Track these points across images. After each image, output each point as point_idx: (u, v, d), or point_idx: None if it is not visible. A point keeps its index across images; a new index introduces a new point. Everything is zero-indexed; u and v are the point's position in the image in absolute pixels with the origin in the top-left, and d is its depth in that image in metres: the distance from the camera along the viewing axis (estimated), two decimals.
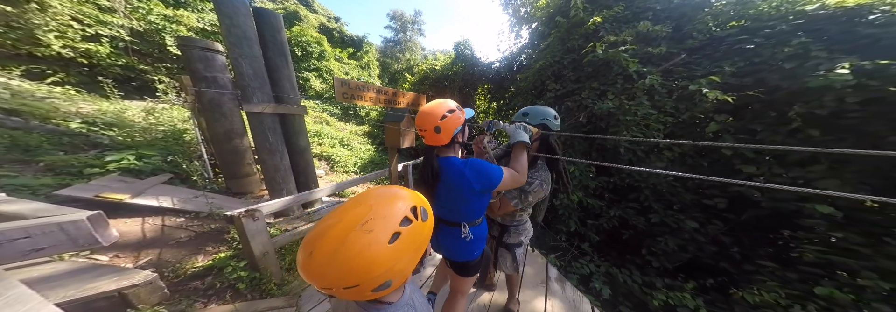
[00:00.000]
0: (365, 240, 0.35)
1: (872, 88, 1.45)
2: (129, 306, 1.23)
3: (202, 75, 2.50)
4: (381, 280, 0.37)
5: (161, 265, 1.66)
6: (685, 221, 2.26)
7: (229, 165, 2.88)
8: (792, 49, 1.80)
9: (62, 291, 1.10)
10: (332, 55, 8.94)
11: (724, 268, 2.15)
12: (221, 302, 1.47)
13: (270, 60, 2.52)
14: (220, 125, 2.67)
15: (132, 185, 2.32)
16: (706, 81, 2.09)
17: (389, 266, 0.36)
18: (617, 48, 2.78)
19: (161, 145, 3.12)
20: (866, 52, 1.57)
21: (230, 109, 2.68)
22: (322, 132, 5.73)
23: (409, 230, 0.39)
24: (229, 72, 2.65)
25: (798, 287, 1.67)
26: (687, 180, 2.33)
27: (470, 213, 0.92)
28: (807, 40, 1.75)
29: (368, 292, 0.37)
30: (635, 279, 2.46)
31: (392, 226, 0.37)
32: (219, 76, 2.57)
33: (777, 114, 1.83)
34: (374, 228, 0.36)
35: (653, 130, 2.44)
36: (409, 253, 0.39)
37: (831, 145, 1.59)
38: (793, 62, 1.79)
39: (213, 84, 2.55)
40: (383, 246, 0.36)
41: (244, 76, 2.30)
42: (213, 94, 2.53)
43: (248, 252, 1.59)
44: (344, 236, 0.35)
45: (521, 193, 1.05)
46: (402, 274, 0.39)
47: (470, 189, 0.82)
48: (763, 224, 1.96)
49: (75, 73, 4.33)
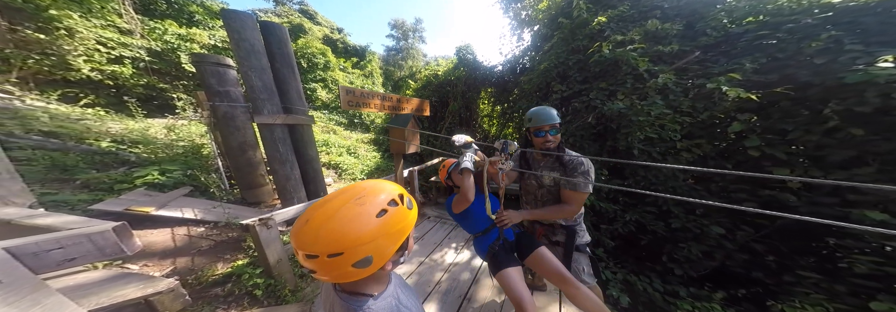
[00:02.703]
0: (356, 210, 0.39)
1: None
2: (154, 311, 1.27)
3: (216, 90, 2.53)
4: (362, 253, 0.39)
5: (185, 273, 1.72)
6: (710, 226, 2.09)
7: (244, 176, 2.91)
8: (821, 43, 1.65)
9: (95, 299, 1.15)
10: (337, 65, 9.02)
11: (758, 278, 1.95)
12: (240, 309, 1.51)
13: (278, 72, 2.56)
14: (234, 138, 2.70)
15: (156, 198, 2.42)
16: (725, 79, 1.94)
17: (373, 238, 0.39)
18: (624, 48, 2.66)
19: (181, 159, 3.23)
20: None
21: (243, 121, 2.69)
22: (330, 141, 5.74)
23: (395, 211, 0.42)
24: (240, 86, 2.69)
25: (848, 302, 1.48)
26: (710, 184, 2.16)
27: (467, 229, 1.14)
28: (838, 33, 1.60)
29: (349, 266, 0.38)
30: (656, 287, 2.27)
31: (381, 203, 0.41)
32: (231, 90, 2.59)
33: (810, 112, 1.67)
34: (366, 202, 0.40)
35: (668, 130, 2.29)
36: (393, 234, 0.41)
37: (875, 145, 1.42)
38: (824, 57, 1.64)
39: (227, 98, 2.56)
40: (371, 218, 0.40)
41: (254, 89, 2.34)
42: (226, 108, 2.56)
43: (263, 260, 1.62)
44: (340, 206, 0.39)
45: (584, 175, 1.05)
46: (383, 254, 0.41)
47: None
48: (803, 231, 1.78)
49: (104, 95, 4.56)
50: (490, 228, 1.13)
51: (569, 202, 1.10)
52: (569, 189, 1.08)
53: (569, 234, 1.16)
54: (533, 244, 1.13)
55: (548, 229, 1.25)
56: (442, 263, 2.08)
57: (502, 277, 1.01)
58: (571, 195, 1.08)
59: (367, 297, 0.45)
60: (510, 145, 1.04)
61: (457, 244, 2.42)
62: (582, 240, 1.18)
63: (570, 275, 1.03)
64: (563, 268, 1.05)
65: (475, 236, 1.17)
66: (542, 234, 1.27)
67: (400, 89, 10.09)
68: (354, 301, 0.45)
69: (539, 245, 1.13)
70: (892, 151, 1.36)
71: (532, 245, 1.13)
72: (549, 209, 1.15)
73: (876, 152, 1.41)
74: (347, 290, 0.47)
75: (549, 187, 1.16)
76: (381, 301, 0.46)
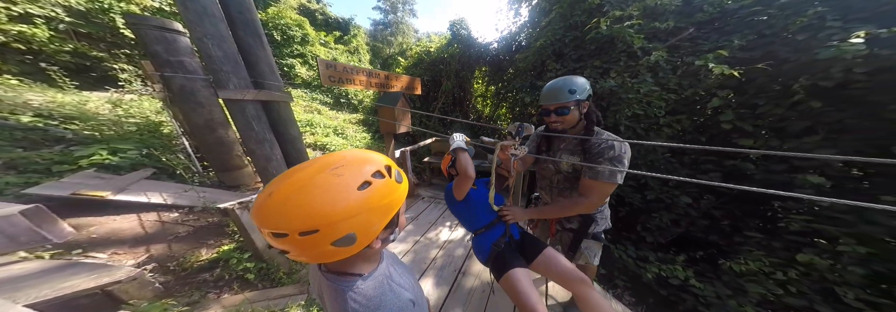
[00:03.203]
0: (333, 182, 0.34)
1: (882, 58, 1.43)
2: (118, 302, 1.20)
3: (165, 60, 2.22)
4: (343, 230, 0.34)
5: (164, 260, 1.67)
6: (680, 196, 2.33)
7: (217, 157, 2.72)
8: (806, 19, 1.74)
9: (33, 291, 1.04)
10: (317, 39, 8.26)
11: (714, 241, 2.26)
12: (233, 292, 1.51)
13: (242, 42, 2.28)
14: (198, 115, 2.45)
15: (111, 181, 2.23)
16: (713, 56, 2.04)
17: (354, 214, 0.34)
18: (622, 24, 2.66)
19: (136, 138, 2.93)
20: (885, 20, 1.52)
21: (206, 97, 2.41)
22: (314, 122, 5.51)
23: (381, 183, 0.37)
24: (197, 56, 2.41)
25: (781, 255, 1.78)
26: (684, 156, 2.36)
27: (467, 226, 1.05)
28: (823, 10, 1.69)
29: (328, 245, 0.34)
30: (630, 254, 2.58)
31: (363, 175, 0.36)
32: (185, 60, 2.30)
33: (782, 87, 1.81)
34: (344, 173, 0.35)
35: (654, 107, 2.42)
36: (379, 209, 0.37)
37: (828, 115, 1.59)
38: (805, 33, 1.74)
39: (180, 69, 2.27)
40: (351, 191, 0.34)
41: (213, 59, 2.06)
42: (181, 80, 2.29)
43: (250, 244, 1.59)
44: (311, 176, 0.34)
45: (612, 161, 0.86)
46: (368, 231, 0.37)
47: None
48: (754, 197, 2.04)
49: (14, 61, 3.80)
50: (494, 222, 1.00)
51: (586, 194, 0.92)
52: (588, 178, 0.90)
53: (584, 222, 1.04)
54: (538, 245, 1.00)
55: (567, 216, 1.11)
56: (437, 241, 2.16)
57: (510, 279, 0.86)
58: (591, 186, 0.91)
59: (355, 277, 0.42)
60: (526, 128, 0.93)
61: (451, 222, 2.54)
62: (599, 228, 1.06)
63: (585, 275, 0.90)
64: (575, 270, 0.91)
65: (476, 232, 1.02)
66: (558, 219, 1.16)
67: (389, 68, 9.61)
68: (342, 281, 0.41)
69: (545, 246, 0.99)
70: (839, 120, 1.55)
71: (537, 246, 1.00)
72: (561, 205, 0.98)
73: (826, 121, 1.60)
74: (334, 270, 0.43)
75: (566, 172, 1.01)
76: (372, 280, 0.43)
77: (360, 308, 0.39)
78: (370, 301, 0.40)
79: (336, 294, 0.41)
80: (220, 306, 1.36)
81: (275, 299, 1.46)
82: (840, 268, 1.49)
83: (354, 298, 0.40)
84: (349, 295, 0.40)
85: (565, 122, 0.94)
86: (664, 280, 2.24)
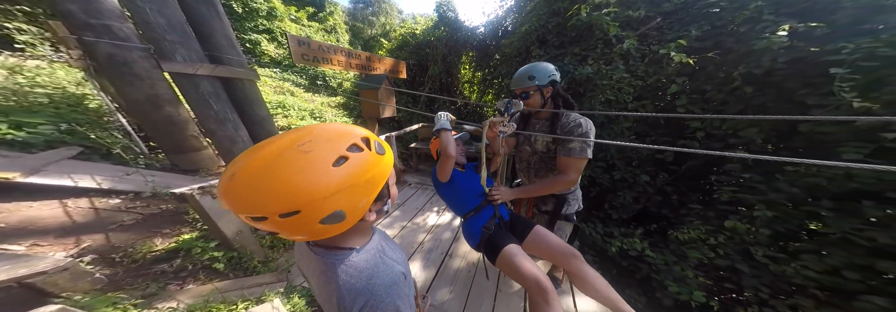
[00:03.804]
0: (302, 160, 0.32)
1: (798, 49, 1.73)
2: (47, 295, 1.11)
3: (83, 22, 1.89)
4: (329, 208, 0.33)
5: (106, 252, 1.54)
6: (640, 175, 2.67)
7: (167, 137, 2.50)
8: (748, 13, 2.02)
9: None
10: (286, 14, 7.80)
11: (665, 214, 2.64)
12: (200, 283, 1.45)
13: (192, 10, 2.14)
14: (135, 90, 2.18)
15: (19, 160, 1.94)
16: (674, 45, 2.30)
17: (335, 191, 0.33)
18: (600, 11, 2.86)
19: (49, 111, 2.50)
20: (805, 15, 1.82)
21: (145, 69, 2.15)
22: (287, 104, 5.30)
23: (359, 157, 0.35)
24: (131, 21, 2.11)
25: (714, 223, 2.15)
26: (646, 138, 2.68)
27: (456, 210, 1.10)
28: (762, 4, 1.96)
29: (317, 223, 0.34)
30: (598, 231, 2.93)
31: (336, 150, 0.34)
32: (113, 25, 1.99)
33: (725, 75, 2.11)
34: (314, 149, 0.33)
35: (624, 93, 2.70)
36: (363, 185, 0.36)
37: (756, 99, 1.92)
38: (746, 26, 2.03)
39: (106, 34, 1.96)
40: (326, 167, 0.33)
41: (153, 26, 1.93)
42: (110, 48, 1.99)
43: (216, 233, 1.52)
44: (276, 155, 0.31)
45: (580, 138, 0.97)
46: (355, 207, 0.36)
47: None
48: (697, 173, 2.40)
49: None
50: (482, 205, 1.04)
51: (564, 171, 1.02)
52: (563, 155, 1.00)
53: (558, 203, 1.14)
54: (528, 224, 1.06)
55: (538, 198, 1.23)
56: (424, 225, 2.27)
57: (506, 257, 0.88)
58: (567, 162, 1.01)
59: (347, 250, 0.42)
60: (515, 104, 0.98)
61: (438, 208, 2.66)
62: (571, 209, 1.17)
63: (573, 250, 0.96)
64: (565, 245, 0.98)
65: (465, 216, 1.06)
66: (535, 203, 1.28)
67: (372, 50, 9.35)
68: (333, 254, 0.41)
69: (534, 225, 1.06)
70: (763, 103, 1.88)
71: (527, 225, 1.05)
72: (543, 183, 1.06)
73: (754, 104, 1.92)
74: (324, 244, 0.43)
75: (541, 153, 1.12)
76: (364, 254, 0.43)
77: (351, 280, 0.39)
78: (361, 273, 0.40)
79: (326, 267, 0.40)
80: (185, 296, 1.29)
81: (250, 287, 1.41)
82: (754, 231, 1.85)
83: (346, 271, 0.40)
84: (340, 268, 0.40)
85: (529, 104, 1.05)
86: (625, 253, 2.60)
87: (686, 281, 2.14)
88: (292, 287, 1.47)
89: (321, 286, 0.41)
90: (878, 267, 1.35)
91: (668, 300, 2.20)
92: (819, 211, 1.56)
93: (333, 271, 0.40)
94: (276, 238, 1.85)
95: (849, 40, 1.51)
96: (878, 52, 1.41)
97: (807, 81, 1.70)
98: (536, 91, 1.03)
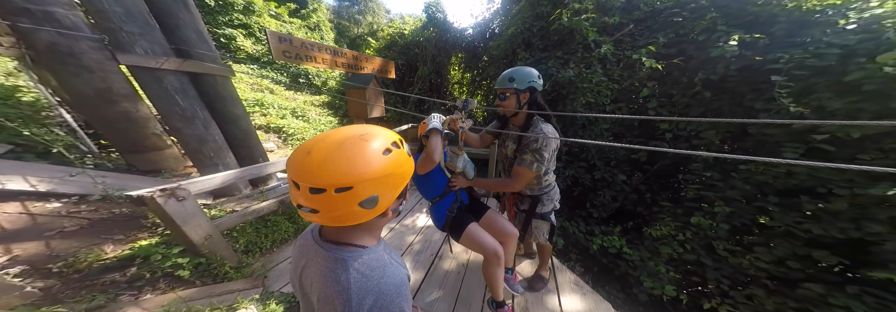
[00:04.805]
0: (362, 145, 0.40)
1: (746, 58, 1.99)
2: None
3: (18, 7, 1.77)
4: (371, 190, 0.40)
5: (40, 261, 1.41)
6: (618, 174, 2.90)
7: (122, 136, 2.36)
8: (705, 23, 2.29)
9: None
10: (265, 10, 7.77)
11: (640, 212, 2.87)
12: (159, 292, 1.36)
13: (156, 1, 2.05)
14: (83, 83, 2.03)
15: None
16: (645, 51, 2.55)
17: (382, 175, 0.40)
18: (580, 17, 3.12)
19: None
20: (750, 27, 2.09)
21: (97, 60, 2.01)
22: (265, 101, 5.27)
23: (399, 153, 0.44)
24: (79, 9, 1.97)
25: (682, 220, 2.37)
26: (622, 138, 2.92)
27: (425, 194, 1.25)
28: (715, 15, 2.24)
29: (356, 204, 0.39)
30: (581, 229, 3.13)
31: (385, 143, 0.43)
32: (56, 12, 1.87)
33: (687, 80, 2.37)
34: (371, 139, 0.42)
35: (603, 96, 2.94)
36: (398, 175, 0.43)
37: (714, 103, 2.18)
38: (704, 35, 2.30)
39: (48, 22, 1.83)
40: (378, 154, 0.41)
41: (108, 15, 1.80)
42: (52, 37, 1.86)
43: (181, 238, 1.45)
44: (343, 139, 0.40)
45: (534, 153, 1.07)
46: (388, 195, 0.43)
47: None
48: (667, 172, 2.64)
49: None
50: (446, 192, 1.23)
51: (513, 177, 1.15)
52: (516, 164, 1.13)
53: (532, 203, 1.29)
54: (483, 208, 1.34)
55: (517, 197, 1.39)
56: (414, 227, 2.32)
57: (470, 233, 1.12)
58: (516, 171, 1.13)
59: (359, 248, 0.45)
60: (470, 102, 1.13)
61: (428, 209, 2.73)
62: (545, 209, 1.30)
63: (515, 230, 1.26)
64: (510, 227, 1.27)
65: (433, 201, 1.24)
66: (514, 202, 1.43)
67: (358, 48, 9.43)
68: (344, 251, 0.44)
69: (488, 208, 1.33)
70: (719, 107, 2.14)
71: (483, 208, 1.33)
72: (493, 181, 1.30)
73: (712, 108, 2.18)
74: (336, 240, 0.46)
75: (511, 158, 1.24)
76: (375, 253, 0.46)
77: (362, 279, 0.41)
78: (374, 272, 0.43)
79: (335, 264, 0.42)
80: (140, 308, 1.22)
81: (220, 295, 1.36)
82: (715, 226, 2.07)
83: (359, 269, 0.42)
84: (353, 266, 0.42)
85: (504, 106, 1.13)
86: (606, 251, 2.79)
87: (659, 276, 2.34)
88: (269, 292, 1.42)
89: (328, 283, 0.41)
90: (815, 256, 1.57)
91: (643, 295, 2.39)
92: (767, 206, 1.78)
93: (345, 267, 0.42)
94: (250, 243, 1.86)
95: (785, 51, 1.77)
96: (807, 62, 1.67)
97: (754, 87, 1.95)
98: (513, 94, 1.09)
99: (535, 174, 1.12)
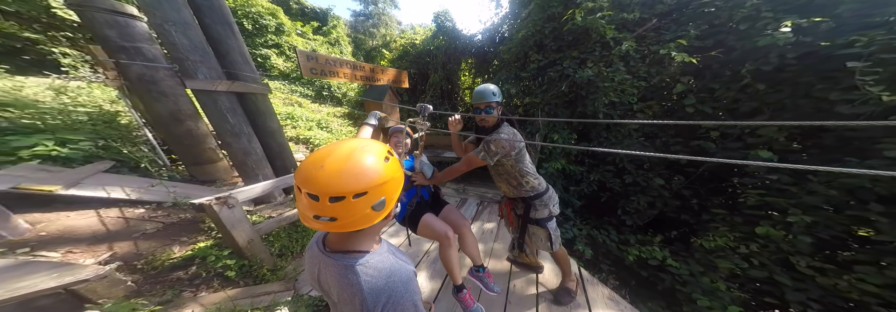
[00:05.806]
0: (367, 155, 0.46)
1: (807, 44, 1.72)
2: (85, 301, 1.22)
3: (118, 45, 2.17)
4: (380, 193, 0.45)
5: (131, 258, 1.67)
6: (653, 179, 2.57)
7: (187, 150, 2.72)
8: (746, 11, 2.05)
9: None
10: (293, 29, 8.31)
11: (686, 219, 2.51)
12: (212, 290, 1.53)
13: (211, 30, 2.35)
14: (161, 106, 2.43)
15: (60, 174, 2.18)
16: (674, 45, 2.32)
17: (388, 179, 0.46)
18: (595, 15, 2.94)
19: (88, 128, 2.86)
20: (804, 11, 1.84)
21: (171, 87, 2.40)
22: (295, 115, 5.49)
23: (394, 160, 0.50)
24: (157, 43, 2.35)
25: (742, 230, 2.02)
26: (655, 139, 2.62)
27: None
28: (758, 2, 2.00)
29: (369, 208, 0.44)
30: (612, 238, 2.78)
31: (382, 153, 0.49)
32: (143, 47, 2.26)
33: (732, 73, 2.10)
34: (371, 151, 0.47)
35: (628, 95, 2.68)
36: (397, 180, 0.49)
37: (771, 96, 1.88)
38: (746, 23, 2.04)
39: (138, 56, 2.23)
40: (380, 162, 0.46)
41: (178, 47, 2.13)
42: (141, 68, 2.24)
43: (230, 241, 1.62)
44: (349, 153, 0.45)
45: (484, 144, 1.17)
46: (391, 197, 0.47)
47: None
48: (716, 175, 2.30)
49: None
50: (408, 186, 1.26)
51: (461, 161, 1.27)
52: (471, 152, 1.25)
53: (525, 207, 1.28)
54: (442, 203, 1.39)
55: (513, 202, 1.38)
56: None
57: (425, 222, 1.18)
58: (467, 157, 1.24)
59: (361, 253, 0.48)
60: (426, 108, 1.24)
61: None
62: (540, 214, 1.27)
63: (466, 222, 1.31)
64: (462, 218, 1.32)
65: None
66: (511, 208, 1.42)
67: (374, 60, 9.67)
68: (349, 258, 0.47)
69: (447, 203, 1.40)
70: (779, 100, 1.83)
71: (442, 203, 1.38)
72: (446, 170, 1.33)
73: (769, 102, 1.88)
74: (340, 249, 0.50)
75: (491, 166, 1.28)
76: (378, 255, 0.49)
77: (372, 280, 0.45)
78: (381, 273, 0.46)
79: (346, 270, 0.46)
80: (198, 304, 1.36)
81: (259, 296, 1.49)
82: (792, 238, 1.72)
83: (366, 271, 0.46)
84: (359, 269, 0.46)
85: (488, 120, 1.21)
86: (644, 262, 2.43)
87: (717, 294, 1.96)
88: (299, 296, 1.51)
89: (343, 287, 0.46)
90: None
91: None
92: (868, 216, 1.44)
93: (354, 272, 0.45)
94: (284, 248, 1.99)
95: (859, 33, 1.50)
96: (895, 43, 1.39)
97: (824, 76, 1.66)
98: (498, 106, 1.20)
99: (479, 161, 1.20)
